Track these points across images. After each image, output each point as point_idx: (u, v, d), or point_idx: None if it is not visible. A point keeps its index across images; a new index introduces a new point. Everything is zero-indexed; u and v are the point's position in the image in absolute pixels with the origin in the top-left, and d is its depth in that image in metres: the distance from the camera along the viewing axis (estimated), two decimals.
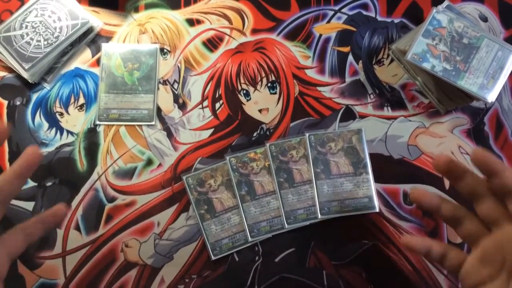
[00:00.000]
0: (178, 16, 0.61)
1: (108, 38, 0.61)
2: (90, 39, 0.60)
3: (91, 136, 0.58)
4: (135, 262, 0.55)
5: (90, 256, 0.55)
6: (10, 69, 0.59)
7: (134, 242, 0.55)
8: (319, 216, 0.54)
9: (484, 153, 0.34)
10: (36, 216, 0.37)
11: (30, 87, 0.59)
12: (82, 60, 0.60)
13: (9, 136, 0.58)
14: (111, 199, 0.56)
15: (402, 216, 0.55)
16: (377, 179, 0.56)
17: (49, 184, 0.57)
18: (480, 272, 0.34)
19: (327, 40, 0.60)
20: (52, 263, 0.55)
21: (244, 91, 0.59)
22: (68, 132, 0.58)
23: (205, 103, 0.59)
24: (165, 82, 0.60)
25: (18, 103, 0.59)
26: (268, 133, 0.57)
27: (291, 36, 0.60)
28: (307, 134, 0.55)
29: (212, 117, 0.58)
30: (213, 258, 0.54)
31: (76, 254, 0.55)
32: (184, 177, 0.55)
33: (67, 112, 0.59)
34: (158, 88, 0.59)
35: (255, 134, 0.58)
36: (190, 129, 0.58)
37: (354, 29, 0.60)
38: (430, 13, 0.54)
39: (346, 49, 0.60)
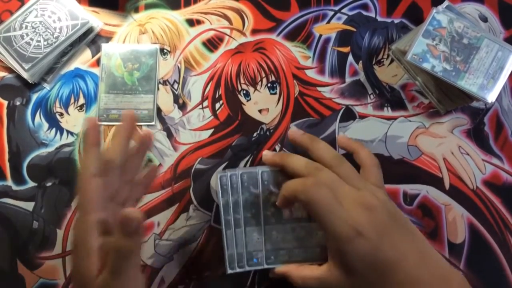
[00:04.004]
0: (178, 16, 0.61)
1: (108, 38, 0.61)
2: (90, 39, 0.60)
3: None
4: None
5: None
6: (10, 69, 0.59)
7: None
8: (265, 265, 0.47)
9: (347, 138, 0.49)
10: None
11: (30, 87, 0.59)
12: (82, 60, 0.60)
13: (9, 136, 0.58)
14: None
15: None
16: None
17: (49, 184, 0.57)
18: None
19: (327, 40, 0.60)
20: (52, 263, 0.55)
21: (244, 91, 0.59)
22: (68, 132, 0.58)
23: (205, 103, 0.59)
24: (165, 82, 0.60)
25: (18, 103, 0.59)
26: (268, 133, 0.57)
27: (291, 36, 0.60)
28: (259, 170, 0.48)
29: (212, 117, 0.58)
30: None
31: None
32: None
33: (67, 112, 0.59)
34: (158, 89, 0.59)
35: (255, 135, 0.58)
36: (190, 129, 0.58)
37: (354, 30, 0.60)
38: (430, 13, 0.54)
39: (346, 50, 0.60)
